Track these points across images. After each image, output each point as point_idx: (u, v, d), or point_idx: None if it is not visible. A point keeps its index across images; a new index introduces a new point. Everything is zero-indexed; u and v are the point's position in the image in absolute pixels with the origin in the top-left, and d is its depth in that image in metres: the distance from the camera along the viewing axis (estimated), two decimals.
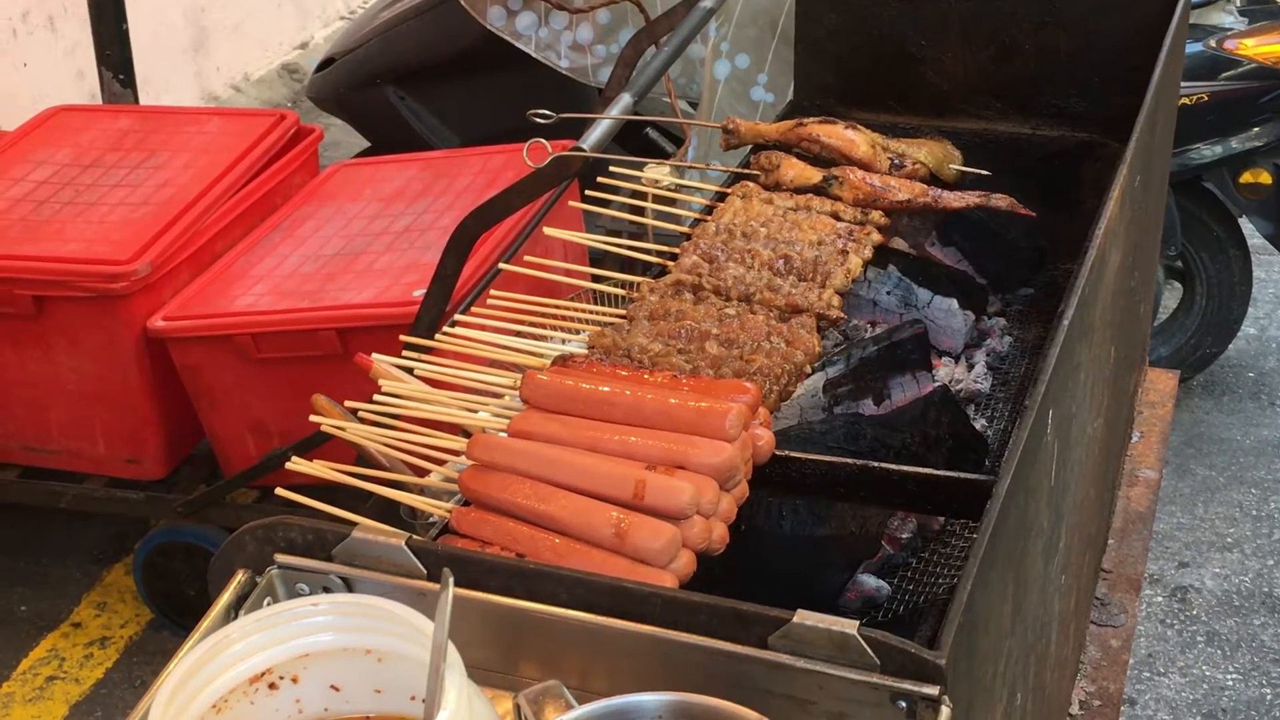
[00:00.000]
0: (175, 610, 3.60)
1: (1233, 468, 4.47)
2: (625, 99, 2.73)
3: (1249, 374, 4.91)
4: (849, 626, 1.14)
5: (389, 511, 1.81)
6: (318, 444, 2.67)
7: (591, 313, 1.97)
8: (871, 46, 2.51)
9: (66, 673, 3.58)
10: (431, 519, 1.61)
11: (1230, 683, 3.71)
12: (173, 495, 3.46)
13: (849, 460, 1.72)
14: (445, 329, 1.88)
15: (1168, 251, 4.40)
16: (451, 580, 1.09)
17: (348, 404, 1.78)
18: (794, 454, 1.69)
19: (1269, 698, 3.65)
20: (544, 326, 1.94)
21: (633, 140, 4.66)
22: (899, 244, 2.31)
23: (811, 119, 2.24)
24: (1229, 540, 4.19)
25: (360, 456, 1.89)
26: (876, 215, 2.10)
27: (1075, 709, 2.05)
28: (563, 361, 1.71)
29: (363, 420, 1.73)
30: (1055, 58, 2.40)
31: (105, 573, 3.90)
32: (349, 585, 1.26)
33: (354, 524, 1.29)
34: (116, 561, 3.92)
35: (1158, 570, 4.07)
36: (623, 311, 1.90)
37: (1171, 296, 4.69)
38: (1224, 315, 4.59)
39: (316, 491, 1.62)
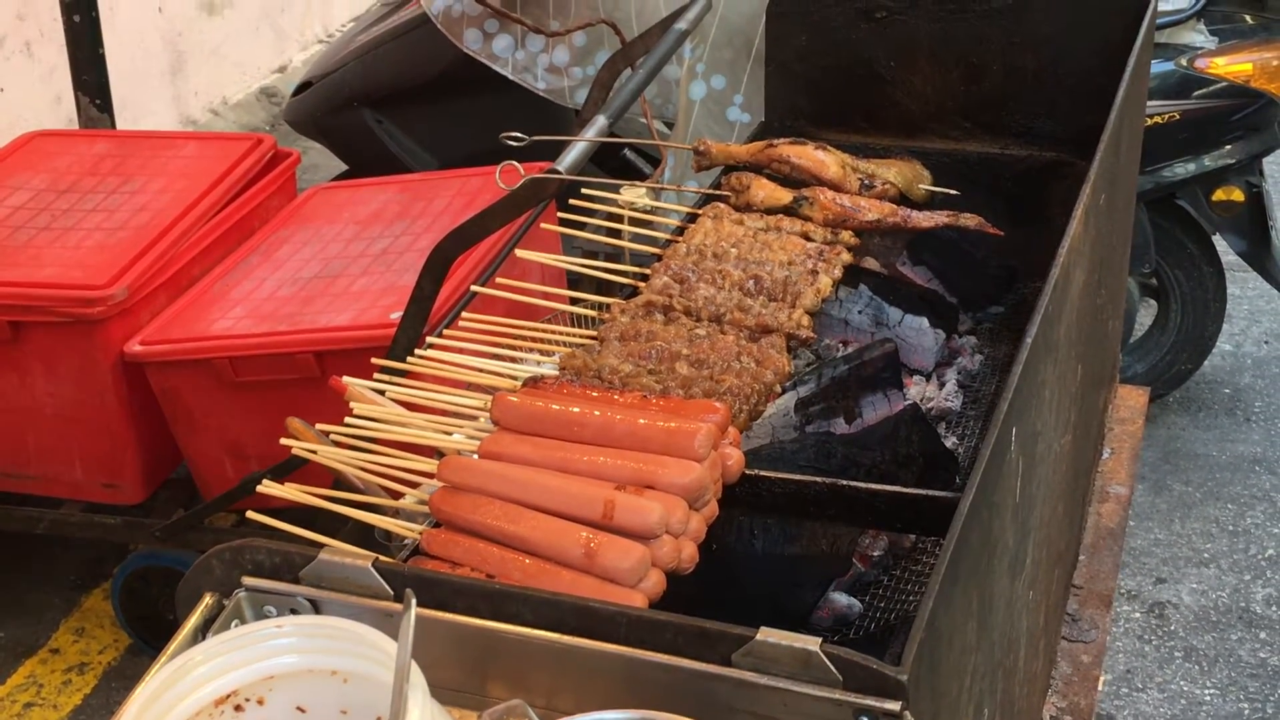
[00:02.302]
0: (154, 635, 3.59)
1: (1209, 483, 4.49)
2: (601, 120, 2.75)
3: (1224, 390, 4.95)
4: (811, 643, 1.15)
5: (366, 534, 1.82)
6: (295, 467, 2.68)
7: (564, 334, 1.99)
8: (842, 68, 2.54)
9: (45, 699, 3.57)
10: (405, 541, 1.62)
11: (1208, 698, 3.72)
12: (151, 520, 3.46)
13: (819, 479, 1.73)
14: (419, 351, 1.89)
15: (1142, 269, 4.43)
16: (414, 601, 1.10)
17: (319, 427, 1.78)
18: (764, 473, 1.71)
19: (1246, 713, 3.66)
20: (517, 348, 1.95)
21: (611, 161, 4.68)
22: (870, 263, 2.33)
23: (782, 140, 2.26)
24: (1206, 556, 4.21)
25: (338, 479, 1.90)
26: (847, 235, 2.12)
27: None
28: (533, 383, 1.72)
29: (336, 443, 1.74)
30: (1023, 78, 2.43)
31: (83, 598, 3.89)
32: (316, 607, 1.26)
33: (322, 546, 1.30)
34: (95, 587, 3.91)
35: (1135, 586, 4.09)
36: (594, 333, 1.92)
37: (1147, 314, 4.73)
38: (1199, 332, 4.62)
39: (295, 515, 1.63)
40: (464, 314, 1.96)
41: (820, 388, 2.05)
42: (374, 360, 1.95)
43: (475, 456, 1.60)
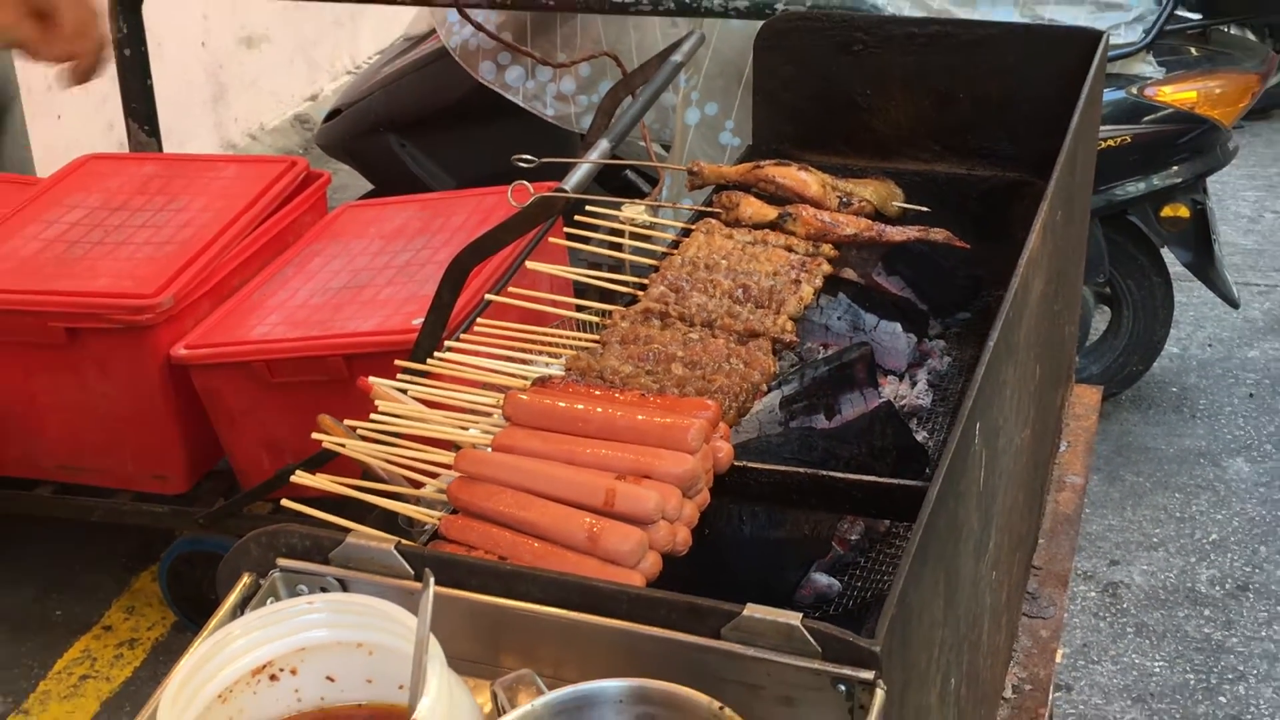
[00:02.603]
0: (197, 613, 3.59)
1: (1158, 474, 4.50)
2: (604, 144, 2.76)
3: (1172, 389, 4.95)
4: (793, 618, 1.15)
5: (390, 520, 1.82)
6: (326, 460, 2.68)
7: (570, 338, 1.99)
8: (822, 96, 2.53)
9: (98, 672, 3.57)
10: (426, 527, 1.62)
11: (1157, 670, 3.72)
12: (194, 508, 3.46)
13: (802, 470, 1.73)
14: (438, 354, 1.89)
15: (1097, 279, 4.43)
16: (432, 580, 1.10)
17: (348, 423, 1.79)
18: (752, 464, 1.71)
19: (1192, 683, 3.67)
20: (528, 352, 1.95)
21: (613, 181, 4.68)
22: (848, 274, 2.33)
23: (768, 161, 2.26)
24: (1155, 540, 4.21)
25: (364, 470, 1.90)
26: (827, 248, 2.13)
27: (1008, 693, 2.06)
28: (542, 383, 1.72)
29: (363, 438, 1.74)
30: (987, 106, 2.43)
31: (134, 579, 3.89)
32: (344, 586, 1.27)
33: (349, 531, 1.31)
34: (144, 569, 3.91)
35: (1091, 568, 4.09)
36: (597, 337, 1.92)
37: (1101, 320, 4.73)
38: (1149, 336, 4.63)
39: (326, 503, 1.63)
40: (479, 320, 1.97)
41: (803, 387, 2.05)
42: (397, 362, 1.96)
43: (489, 449, 1.60)
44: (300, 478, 1.63)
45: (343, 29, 7.42)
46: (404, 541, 1.28)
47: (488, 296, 2.15)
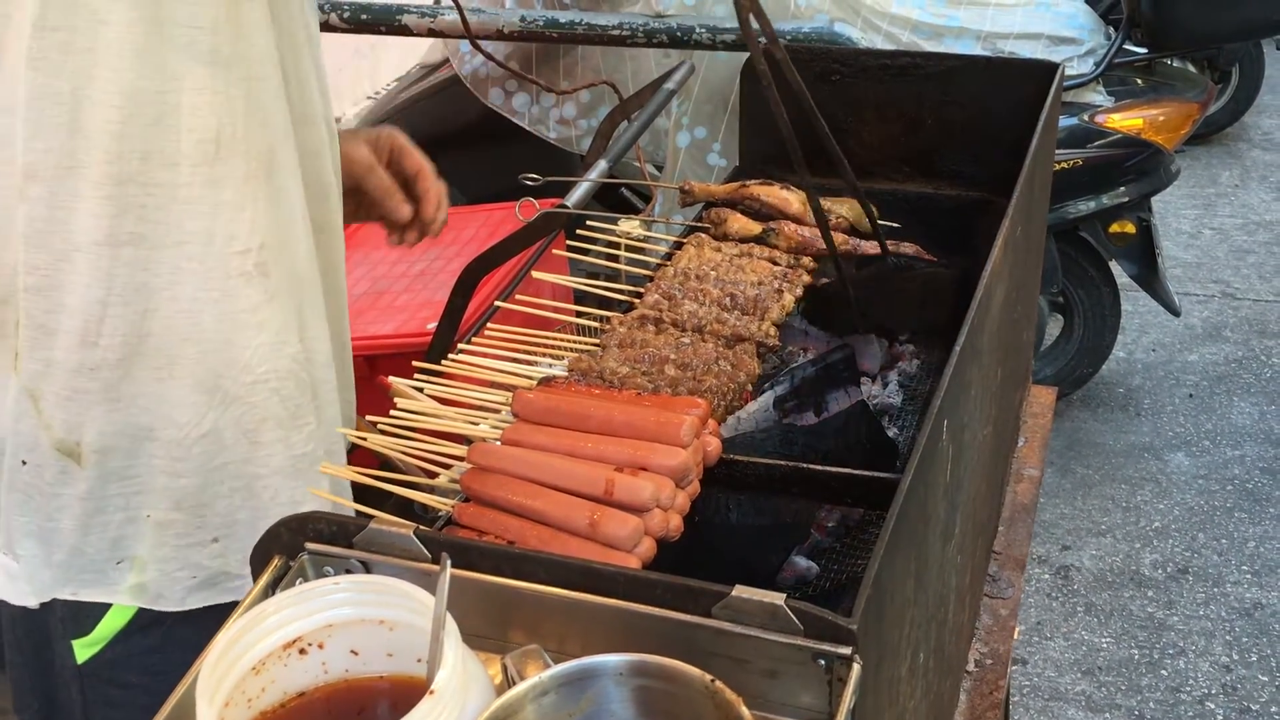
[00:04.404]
0: None
1: (1106, 467, 4.51)
2: (602, 164, 2.76)
3: (1119, 390, 4.96)
4: (778, 598, 1.15)
5: (407, 508, 1.81)
6: (349, 452, 2.67)
7: (573, 342, 1.98)
8: (803, 121, 2.53)
9: None
10: (440, 513, 1.62)
11: (1105, 645, 3.73)
12: None
13: (783, 462, 1.73)
14: (452, 355, 1.89)
15: (1050, 290, 4.45)
16: (449, 562, 1.10)
17: (369, 418, 1.78)
18: (738, 457, 1.70)
19: (1136, 657, 3.67)
20: (533, 353, 1.95)
21: (611, 198, 4.69)
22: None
23: (753, 181, 2.26)
24: (1103, 527, 4.22)
25: (384, 462, 1.89)
26: (807, 260, 2.13)
27: (971, 666, 2.06)
28: (547, 382, 1.72)
29: (382, 432, 1.73)
30: (953, 131, 2.43)
31: None
32: (367, 568, 1.26)
33: (371, 517, 1.30)
34: None
35: (1044, 553, 4.10)
36: (597, 341, 1.92)
37: (1055, 326, 4.75)
38: (1098, 342, 4.64)
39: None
40: (489, 324, 1.97)
41: (793, 387, 2.05)
42: (414, 363, 1.95)
43: (499, 443, 1.60)
44: (326, 468, 1.63)
45: (363, 59, 7.41)
46: (421, 528, 1.28)
47: (497, 303, 2.15)
